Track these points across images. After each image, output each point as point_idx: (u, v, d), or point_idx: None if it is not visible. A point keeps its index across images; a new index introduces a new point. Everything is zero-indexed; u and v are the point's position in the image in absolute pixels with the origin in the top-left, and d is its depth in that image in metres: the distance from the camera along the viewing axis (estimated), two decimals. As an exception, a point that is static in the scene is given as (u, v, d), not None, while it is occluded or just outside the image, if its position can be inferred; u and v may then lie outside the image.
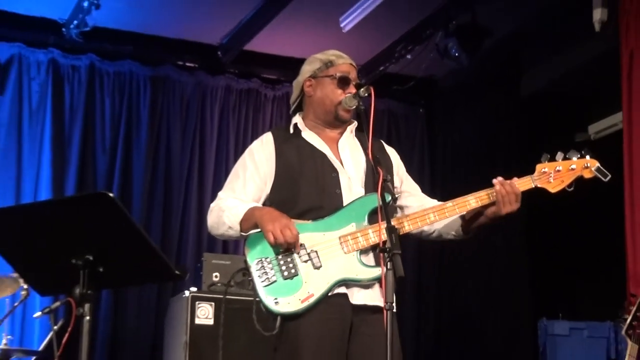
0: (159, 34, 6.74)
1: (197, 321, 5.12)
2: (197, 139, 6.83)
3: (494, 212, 3.37)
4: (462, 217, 3.52)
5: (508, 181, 3.37)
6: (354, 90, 3.52)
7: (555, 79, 6.38)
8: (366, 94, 3.36)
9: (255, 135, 5.90)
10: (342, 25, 6.25)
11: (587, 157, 3.38)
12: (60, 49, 6.49)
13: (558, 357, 6.08)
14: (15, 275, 4.57)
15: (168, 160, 6.74)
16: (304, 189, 3.56)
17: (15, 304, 5.06)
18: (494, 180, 3.37)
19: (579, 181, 3.37)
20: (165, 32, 6.74)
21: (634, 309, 4.29)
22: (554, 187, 3.37)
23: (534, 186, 3.41)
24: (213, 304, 5.18)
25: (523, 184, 3.42)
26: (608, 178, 3.37)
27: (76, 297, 2.82)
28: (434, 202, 3.59)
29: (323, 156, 3.60)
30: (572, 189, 3.40)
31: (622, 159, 4.91)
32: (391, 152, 3.79)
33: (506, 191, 3.33)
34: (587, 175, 3.35)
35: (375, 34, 6.46)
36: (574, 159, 3.37)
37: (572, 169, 3.36)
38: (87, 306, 2.83)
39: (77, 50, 6.53)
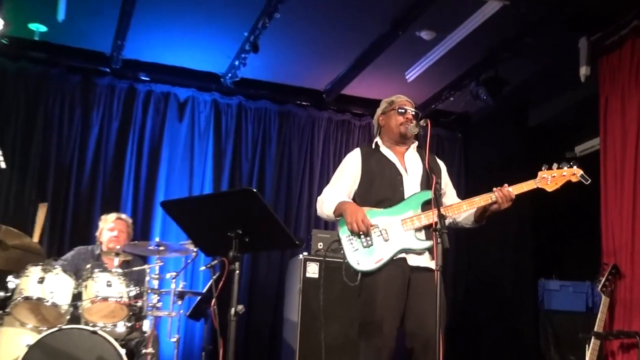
0: (284, 82, 7.13)
1: (307, 275, 5.59)
2: (309, 153, 7.22)
3: (496, 208, 3.74)
4: (475, 211, 3.83)
5: (504, 188, 3.70)
6: (410, 117, 3.96)
7: (553, 114, 6.54)
8: (424, 124, 3.75)
9: (347, 151, 6.05)
10: (407, 77, 6.62)
11: (574, 167, 3.72)
12: (219, 93, 7.01)
13: (552, 306, 6.36)
14: (189, 241, 4.97)
15: (289, 167, 7.14)
16: (379, 186, 3.93)
17: (188, 261, 5.51)
18: (494, 189, 3.71)
19: (569, 184, 3.73)
20: (288, 81, 7.12)
21: (606, 273, 4.69)
22: (550, 188, 3.71)
23: (536, 187, 3.73)
24: (317, 264, 5.55)
25: (527, 185, 3.73)
26: (589, 182, 3.72)
27: (230, 257, 3.30)
28: (458, 200, 3.98)
29: (392, 164, 3.97)
30: (558, 186, 3.71)
31: (599, 169, 5.12)
32: (441, 164, 4.11)
33: (503, 195, 3.68)
34: (574, 179, 3.71)
35: (429, 83, 6.73)
36: (565, 168, 3.72)
37: (564, 175, 3.71)
38: (237, 264, 3.30)
39: (230, 93, 7.03)
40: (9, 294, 4.75)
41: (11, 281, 4.73)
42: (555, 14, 5.37)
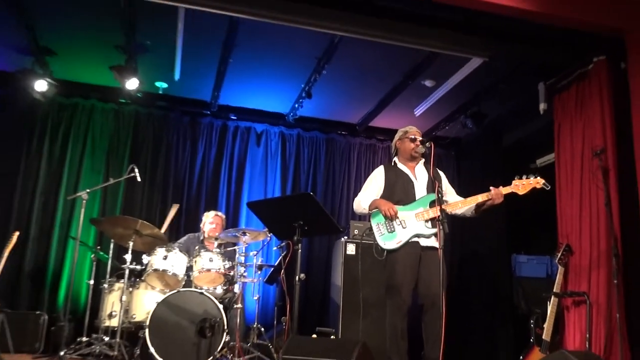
0: (329, 118, 6.97)
1: (347, 253, 5.45)
2: (346, 168, 7.07)
3: (491, 203, 3.75)
4: (475, 205, 3.82)
5: (497, 188, 3.74)
6: (419, 145, 4.01)
7: (520, 137, 6.53)
8: (429, 146, 3.86)
9: (373, 166, 6.47)
10: (415, 112, 6.51)
11: (538, 177, 3.74)
12: (284, 126, 6.96)
13: (522, 273, 6.37)
14: (266, 229, 4.89)
15: (333, 177, 6.98)
16: (397, 191, 3.98)
17: (265, 243, 5.40)
18: (491, 188, 3.74)
19: (534, 189, 3.74)
20: (332, 117, 6.95)
21: (561, 249, 4.61)
22: (521, 192, 3.73)
23: (510, 191, 3.74)
24: (354, 244, 5.41)
25: (506, 189, 3.75)
26: (549, 188, 3.76)
27: (294, 241, 3.48)
28: (460, 198, 3.98)
29: (406, 175, 4.02)
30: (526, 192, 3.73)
31: (554, 175, 4.96)
32: (441, 173, 4.11)
33: (496, 193, 3.71)
34: (538, 186, 3.72)
35: (431, 117, 6.59)
36: (532, 178, 3.73)
37: (531, 183, 3.71)
38: (299, 245, 3.45)
39: (292, 127, 6.97)
40: (143, 267, 4.86)
41: (145, 258, 4.87)
42: (521, 67, 5.32)
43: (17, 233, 4.89)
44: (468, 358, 6.02)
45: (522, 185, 3.73)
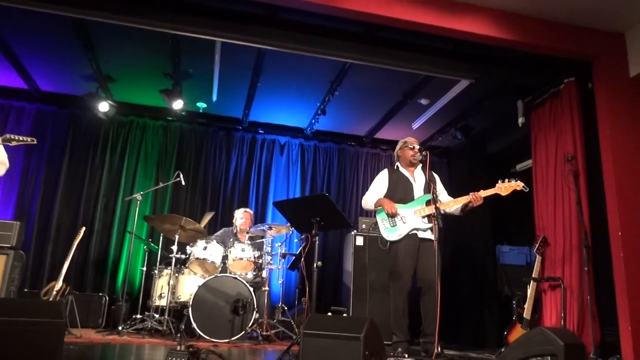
0: (340, 131, 6.89)
1: (357, 244, 5.37)
2: (355, 173, 6.89)
3: (471, 205, 3.70)
4: (461, 206, 3.77)
5: (476, 193, 3.66)
6: (417, 152, 3.96)
7: (502, 146, 6.41)
8: (425, 154, 3.81)
9: (378, 171, 6.03)
10: (413, 126, 6.43)
11: (518, 180, 3.67)
12: (303, 139, 6.89)
13: (505, 261, 6.00)
14: (288, 224, 4.83)
15: (344, 181, 6.89)
16: (398, 191, 3.93)
17: (288, 235, 5.37)
18: (470, 193, 3.67)
19: (515, 191, 3.66)
20: (343, 130, 6.87)
21: (539, 240, 4.51)
22: (504, 193, 3.65)
23: (494, 192, 3.66)
24: (363, 236, 5.34)
25: (490, 191, 3.66)
26: (527, 190, 3.70)
27: (312, 233, 3.43)
28: (451, 198, 3.88)
29: (406, 178, 3.98)
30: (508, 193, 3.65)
31: (531, 178, 4.83)
32: (436, 176, 4.06)
33: (475, 197, 3.65)
34: (518, 188, 3.64)
35: (426, 130, 6.49)
36: (512, 181, 3.66)
37: (512, 185, 3.64)
38: (317, 237, 3.39)
39: (309, 139, 6.90)
40: (187, 256, 4.87)
41: (188, 249, 4.90)
42: (503, 87, 5.26)
43: (83, 228, 4.93)
44: (460, 333, 5.93)
45: (504, 188, 3.66)
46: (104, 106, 5.74)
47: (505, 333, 4.43)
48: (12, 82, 5.83)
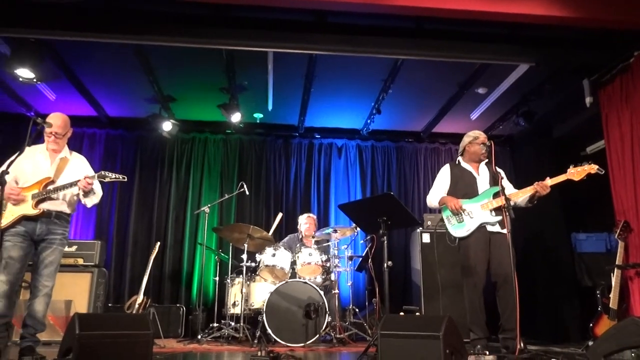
0: (397, 129, 6.73)
1: (423, 241, 5.27)
2: (414, 169, 6.85)
3: (539, 195, 3.57)
4: (528, 197, 3.64)
5: (542, 182, 3.52)
6: (486, 151, 3.84)
7: (569, 129, 6.10)
8: (489, 145, 3.73)
9: (437, 167, 6.58)
10: (471, 117, 6.30)
11: (592, 163, 3.50)
12: (360, 139, 6.86)
13: (583, 249, 5.76)
14: (353, 226, 4.92)
15: (405, 178, 6.80)
16: (462, 186, 3.86)
17: (353, 237, 5.26)
18: (535, 183, 3.55)
19: (589, 175, 3.49)
20: (399, 128, 6.69)
21: (620, 225, 4.30)
22: (577, 178, 3.49)
23: (567, 178, 3.51)
24: (429, 233, 5.23)
25: (560, 178, 3.50)
26: (603, 172, 3.51)
27: (379, 234, 3.39)
28: (515, 190, 3.77)
29: (470, 173, 3.89)
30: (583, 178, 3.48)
31: (605, 160, 4.66)
32: (501, 171, 3.87)
33: (541, 186, 3.52)
34: (592, 171, 3.46)
35: (485, 119, 6.32)
36: (585, 165, 3.50)
37: (585, 169, 3.47)
38: (384, 237, 3.35)
39: (366, 139, 6.86)
40: (257, 264, 4.96)
41: (257, 257, 4.99)
42: (564, 68, 5.02)
43: (158, 243, 5.16)
44: (538, 327, 5.68)
45: (577, 172, 3.51)
46: (167, 125, 5.99)
47: (591, 325, 4.21)
48: (83, 110, 6.20)
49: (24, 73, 4.46)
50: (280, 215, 5.64)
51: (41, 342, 3.35)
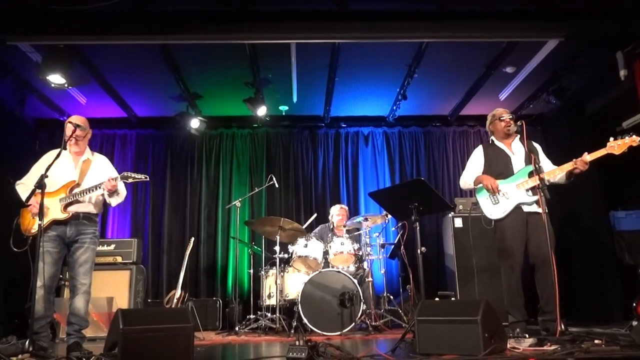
0: (423, 114, 6.70)
1: (455, 225, 5.26)
2: (443, 153, 6.77)
3: (578, 171, 3.47)
4: (566, 173, 3.55)
5: (581, 157, 3.42)
6: (507, 120, 3.77)
7: (604, 103, 5.89)
8: (520, 125, 3.61)
9: (467, 150, 6.59)
10: (500, 97, 6.18)
11: (634, 135, 3.33)
12: (386, 126, 6.83)
13: (622, 227, 5.55)
14: (384, 213, 4.95)
15: (434, 163, 6.73)
16: (496, 166, 3.77)
17: (384, 225, 5.37)
18: (574, 160, 3.44)
19: (631, 147, 3.34)
20: (426, 112, 6.67)
21: None
22: (617, 152, 3.34)
23: (607, 152, 3.37)
24: (461, 218, 5.22)
25: (599, 152, 3.36)
26: None
27: (410, 221, 3.38)
28: (554, 167, 3.67)
29: (503, 151, 3.81)
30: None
31: None
32: (537, 146, 3.84)
33: (580, 162, 3.42)
34: (634, 144, 3.32)
35: (515, 99, 6.21)
36: (626, 137, 3.34)
37: (626, 142, 3.33)
38: (417, 224, 3.29)
39: (392, 126, 6.82)
40: (290, 255, 5.02)
41: (290, 248, 5.04)
42: (595, 41, 4.87)
43: (192, 239, 5.26)
44: (578, 308, 5.56)
45: (617, 146, 3.36)
46: (195, 123, 6.08)
47: (635, 305, 4.06)
48: (113, 112, 6.36)
49: (55, 79, 4.59)
50: (314, 215, 5.66)
51: (87, 338, 3.46)
